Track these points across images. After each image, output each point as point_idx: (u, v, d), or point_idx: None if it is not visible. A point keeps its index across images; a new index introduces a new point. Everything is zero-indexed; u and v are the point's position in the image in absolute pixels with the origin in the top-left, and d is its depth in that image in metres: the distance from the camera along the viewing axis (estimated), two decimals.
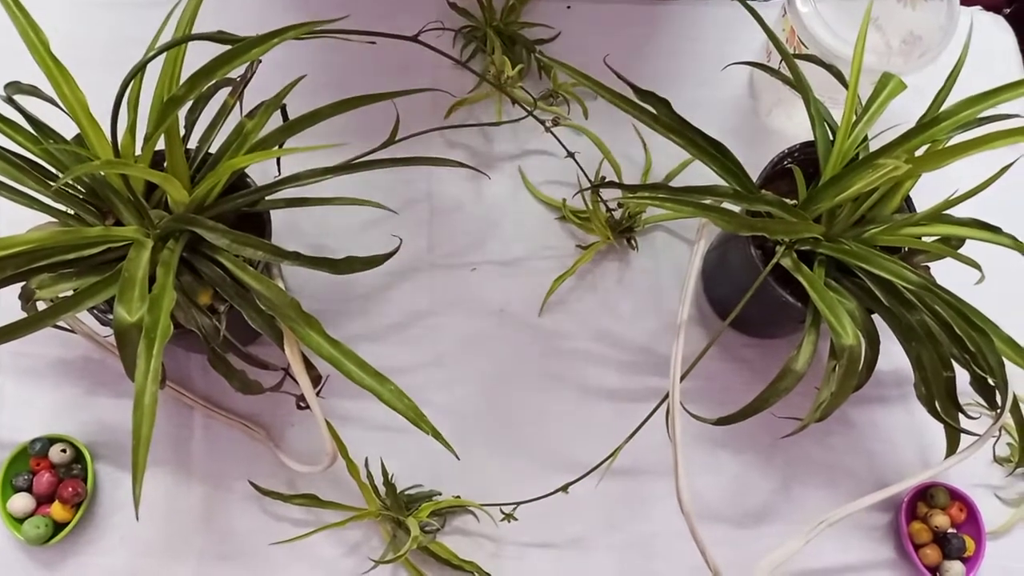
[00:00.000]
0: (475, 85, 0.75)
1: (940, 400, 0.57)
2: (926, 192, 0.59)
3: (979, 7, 0.82)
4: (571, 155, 0.69)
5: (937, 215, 0.56)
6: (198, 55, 0.51)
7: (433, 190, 0.73)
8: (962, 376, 0.56)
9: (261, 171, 0.63)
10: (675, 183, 0.74)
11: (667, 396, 0.56)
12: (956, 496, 0.66)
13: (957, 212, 0.56)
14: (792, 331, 0.69)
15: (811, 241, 0.57)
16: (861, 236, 0.57)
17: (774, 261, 0.56)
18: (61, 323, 0.53)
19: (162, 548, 0.64)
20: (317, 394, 0.56)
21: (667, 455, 0.54)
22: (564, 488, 0.60)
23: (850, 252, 0.56)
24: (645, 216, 0.72)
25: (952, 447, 0.59)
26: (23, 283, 0.52)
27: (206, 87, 0.51)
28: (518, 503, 0.62)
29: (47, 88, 0.53)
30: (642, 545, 0.66)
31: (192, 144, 0.59)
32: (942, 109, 0.56)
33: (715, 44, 0.79)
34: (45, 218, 0.56)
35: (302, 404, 0.56)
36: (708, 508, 0.66)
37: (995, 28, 0.82)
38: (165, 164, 0.55)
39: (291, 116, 0.58)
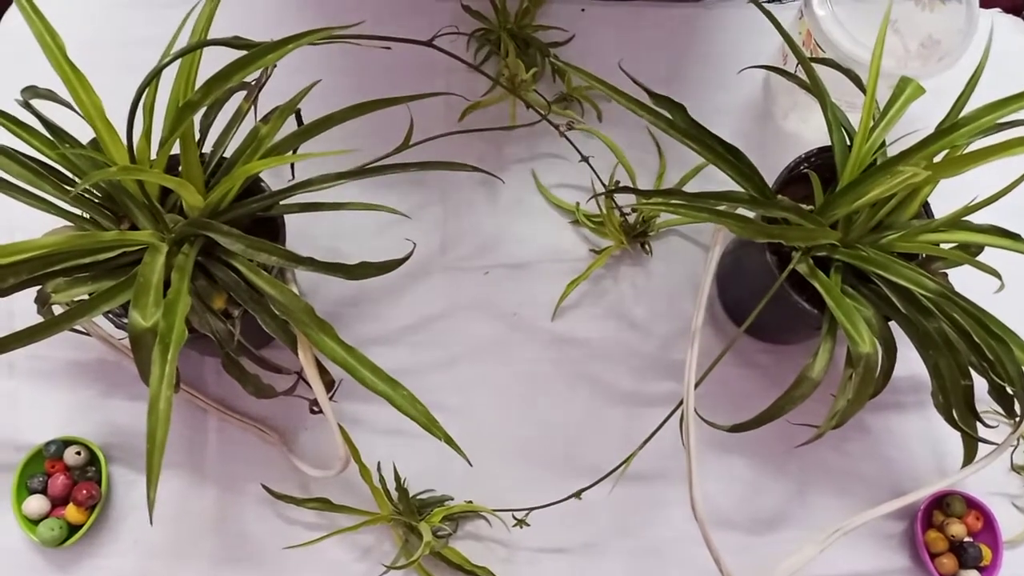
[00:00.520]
0: (489, 89, 0.74)
1: (958, 408, 0.56)
2: (945, 198, 0.58)
3: (998, 9, 0.81)
4: (585, 159, 0.68)
5: (956, 222, 0.56)
6: (213, 59, 0.51)
7: (446, 193, 0.73)
8: (980, 384, 0.56)
9: (275, 176, 0.63)
10: (690, 187, 0.73)
11: (681, 402, 0.56)
12: (973, 505, 0.65)
13: (976, 219, 0.56)
14: (808, 337, 0.69)
15: (828, 247, 0.57)
16: (878, 242, 0.57)
17: (790, 267, 0.55)
18: (77, 326, 0.53)
19: (175, 551, 0.64)
20: (330, 398, 0.56)
21: (681, 461, 0.54)
22: (577, 494, 0.60)
23: (867, 259, 0.55)
24: (659, 221, 0.72)
25: (969, 456, 0.59)
26: (39, 287, 0.52)
27: (221, 92, 0.51)
28: (531, 508, 0.61)
29: (63, 92, 0.54)
30: (655, 551, 0.65)
31: (207, 149, 0.59)
32: (962, 114, 0.56)
33: (730, 47, 0.79)
34: (61, 222, 0.56)
35: (315, 408, 0.56)
36: (722, 514, 0.66)
37: (1015, 31, 0.81)
38: (180, 169, 0.55)
39: (305, 120, 0.58)
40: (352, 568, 0.64)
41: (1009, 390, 0.55)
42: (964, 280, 0.57)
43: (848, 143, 0.58)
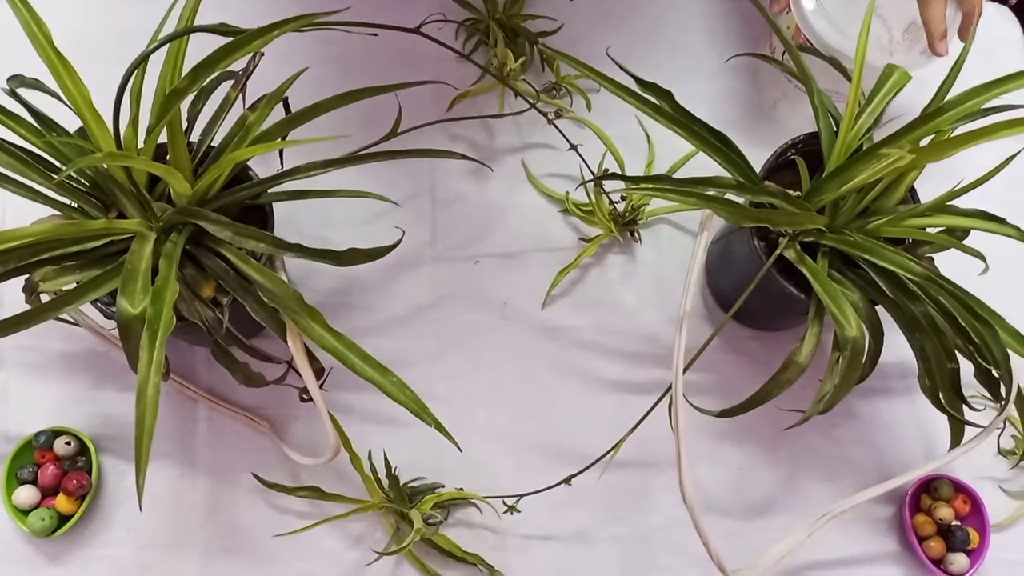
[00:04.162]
0: (478, 77, 0.74)
1: (944, 392, 0.56)
2: (930, 183, 0.59)
3: None
4: (574, 147, 0.69)
5: (941, 206, 0.56)
6: (200, 47, 0.51)
7: (436, 183, 0.73)
8: (966, 368, 0.56)
9: (264, 164, 0.63)
10: (678, 175, 0.73)
11: (670, 388, 0.56)
12: (960, 488, 0.66)
13: (962, 203, 0.56)
14: (796, 323, 0.69)
15: (815, 232, 0.57)
16: (865, 227, 0.57)
17: (777, 253, 0.56)
18: (65, 316, 0.53)
19: (166, 540, 0.64)
20: (320, 387, 0.56)
21: (670, 447, 0.54)
22: (567, 480, 0.60)
23: (854, 243, 0.56)
24: (648, 209, 0.72)
25: (956, 439, 0.59)
26: (27, 276, 0.52)
27: (208, 80, 0.51)
28: (521, 495, 0.62)
29: (50, 81, 0.53)
30: (645, 537, 0.66)
31: (195, 137, 0.59)
32: (946, 99, 0.56)
33: (719, 36, 0.79)
34: (48, 211, 0.56)
35: (305, 397, 0.56)
36: (711, 500, 0.66)
37: (1000, 18, 0.81)
38: (168, 157, 0.55)
39: (293, 109, 0.58)
40: (343, 556, 0.64)
41: (995, 373, 0.55)
42: (950, 264, 0.58)
43: (835, 129, 0.58)
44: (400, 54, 0.72)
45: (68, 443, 0.63)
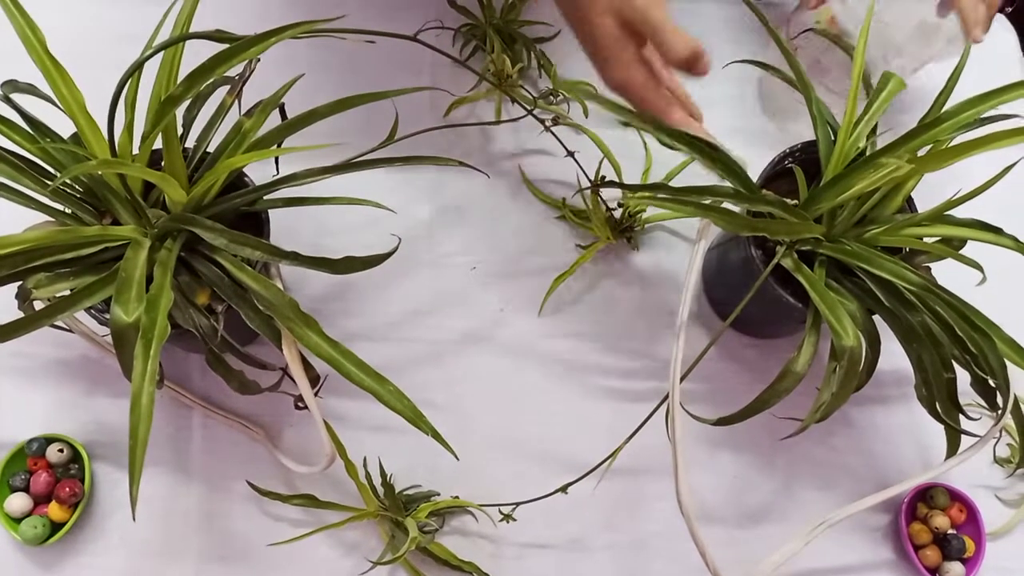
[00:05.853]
0: (475, 84, 0.74)
1: (941, 401, 0.56)
2: (928, 192, 0.59)
3: None
4: (571, 154, 0.69)
5: (938, 216, 0.56)
6: (196, 54, 0.51)
7: (432, 189, 0.73)
8: (963, 377, 0.56)
9: (259, 170, 0.62)
10: (676, 182, 0.73)
11: (667, 396, 0.56)
12: (956, 497, 0.66)
13: (959, 213, 0.56)
14: (793, 331, 0.69)
15: (812, 241, 0.57)
16: (862, 236, 0.57)
17: (775, 262, 0.56)
18: (59, 323, 0.53)
19: (160, 548, 0.63)
20: (316, 394, 0.56)
21: (667, 455, 0.54)
22: (563, 489, 0.60)
23: (851, 253, 0.56)
24: (645, 216, 0.72)
25: (953, 448, 0.59)
26: (20, 283, 0.52)
27: (204, 86, 0.51)
28: (517, 503, 0.61)
29: (44, 87, 0.53)
30: (641, 546, 0.65)
31: (190, 143, 0.58)
32: (944, 109, 0.56)
33: (718, 43, 0.79)
34: (42, 217, 0.56)
35: (300, 404, 0.56)
36: (708, 509, 0.66)
37: (997, 27, 0.81)
38: (163, 163, 0.54)
39: (290, 115, 0.58)
40: (338, 564, 0.64)
41: (991, 382, 0.55)
42: (947, 274, 0.58)
43: (832, 138, 0.58)
44: (397, 60, 0.72)
45: (61, 450, 0.63)
